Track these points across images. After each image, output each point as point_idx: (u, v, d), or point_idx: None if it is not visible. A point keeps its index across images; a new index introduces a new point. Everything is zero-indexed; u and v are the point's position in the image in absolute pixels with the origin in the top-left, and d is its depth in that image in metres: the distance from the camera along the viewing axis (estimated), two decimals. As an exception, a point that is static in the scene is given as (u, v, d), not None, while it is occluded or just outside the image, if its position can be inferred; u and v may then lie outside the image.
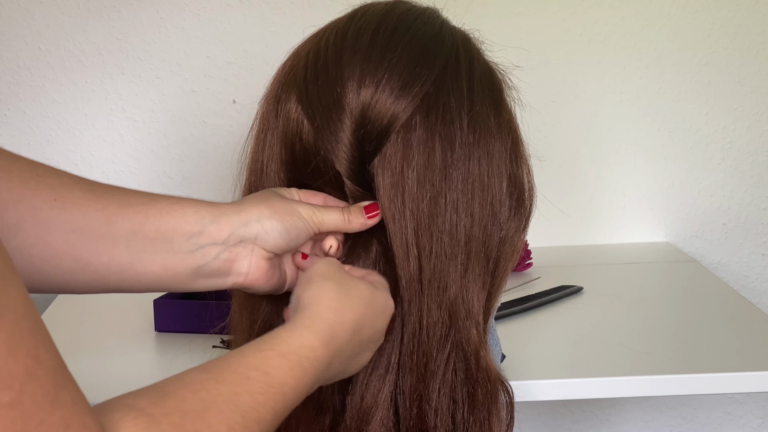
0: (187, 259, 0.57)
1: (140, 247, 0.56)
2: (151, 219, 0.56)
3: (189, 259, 0.57)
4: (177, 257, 0.57)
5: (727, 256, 1.59)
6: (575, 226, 1.57)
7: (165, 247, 0.57)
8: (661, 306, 1.23)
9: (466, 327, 0.62)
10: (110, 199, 0.56)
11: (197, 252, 0.57)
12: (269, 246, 0.59)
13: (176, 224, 0.57)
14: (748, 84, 1.53)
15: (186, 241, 0.57)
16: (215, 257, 0.58)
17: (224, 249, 0.58)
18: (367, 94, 0.60)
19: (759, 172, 1.56)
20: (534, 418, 1.63)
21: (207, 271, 0.58)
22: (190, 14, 1.48)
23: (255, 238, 0.59)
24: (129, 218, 0.56)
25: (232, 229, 0.58)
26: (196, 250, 0.57)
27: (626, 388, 0.96)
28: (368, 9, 0.66)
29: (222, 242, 0.58)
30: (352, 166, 0.61)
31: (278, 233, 0.59)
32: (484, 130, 0.62)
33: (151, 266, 0.56)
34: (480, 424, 0.63)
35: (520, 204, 0.65)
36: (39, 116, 1.51)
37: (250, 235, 0.58)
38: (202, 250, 0.57)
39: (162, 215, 0.57)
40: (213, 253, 0.58)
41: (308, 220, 0.61)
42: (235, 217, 0.58)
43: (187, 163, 1.53)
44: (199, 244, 0.57)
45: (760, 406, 1.63)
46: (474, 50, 0.66)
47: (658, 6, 1.50)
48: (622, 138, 1.55)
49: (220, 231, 0.58)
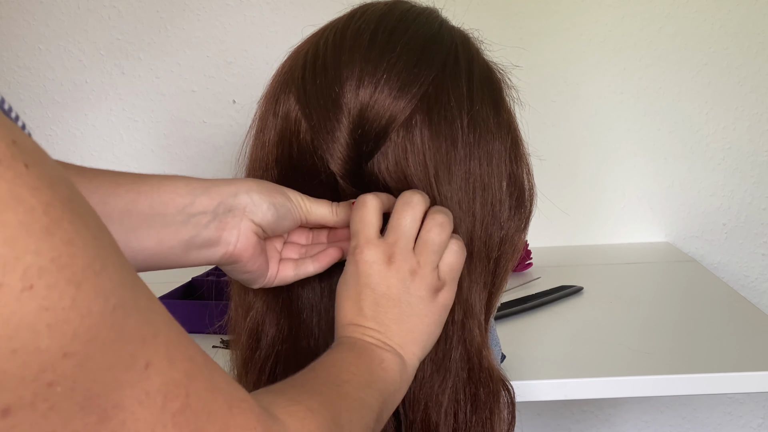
0: (181, 231, 0.58)
1: (135, 223, 0.57)
2: (143, 195, 0.58)
3: (182, 230, 0.58)
4: (170, 229, 0.58)
5: (727, 256, 1.59)
6: (575, 226, 1.57)
7: (159, 221, 0.58)
8: (661, 306, 1.23)
9: (468, 327, 0.62)
10: (102, 180, 0.58)
11: (189, 222, 0.59)
12: (258, 218, 0.60)
13: (168, 198, 0.58)
14: (748, 84, 1.53)
15: (178, 213, 0.58)
16: (205, 226, 0.59)
17: (214, 218, 0.59)
18: (366, 94, 0.60)
19: (759, 172, 1.56)
20: (534, 418, 1.63)
21: (199, 241, 0.59)
22: (190, 14, 1.48)
23: (244, 208, 0.60)
24: (122, 197, 0.57)
25: (221, 199, 0.60)
26: (188, 219, 0.59)
27: (626, 388, 0.96)
28: (367, 9, 0.66)
29: (212, 211, 0.59)
30: (347, 167, 0.61)
31: (266, 206, 0.60)
32: (484, 130, 0.62)
33: (146, 241, 0.58)
34: (482, 423, 0.63)
35: (520, 204, 0.65)
36: (39, 116, 1.51)
37: (239, 205, 0.60)
38: (193, 219, 0.59)
39: (154, 191, 0.58)
40: (203, 222, 0.59)
41: (296, 204, 0.62)
42: (225, 188, 0.60)
43: (187, 163, 1.54)
44: (191, 214, 0.59)
45: (760, 406, 1.63)
46: (473, 50, 0.66)
47: (658, 6, 1.50)
48: (622, 138, 1.55)
49: (210, 200, 0.59)
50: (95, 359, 0.31)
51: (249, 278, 0.63)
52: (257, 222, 0.60)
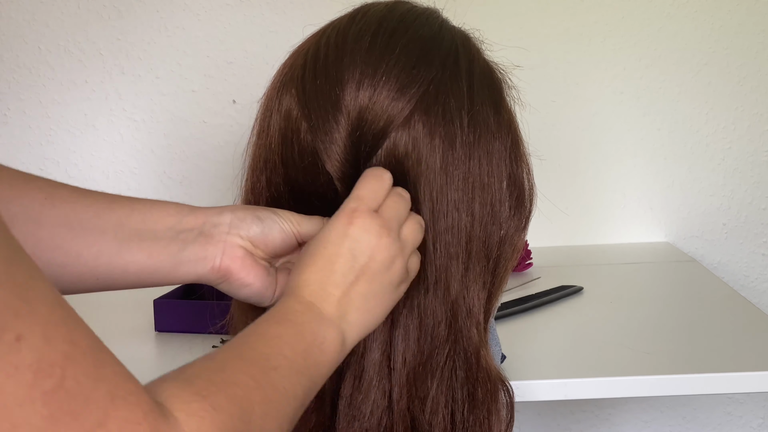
0: (170, 246, 0.60)
1: (127, 236, 0.59)
2: (136, 212, 0.60)
3: (171, 245, 0.60)
4: (161, 244, 0.60)
5: (727, 256, 1.59)
6: (575, 226, 1.57)
7: (149, 236, 0.60)
8: (661, 306, 1.23)
9: (466, 326, 0.62)
10: (97, 197, 0.60)
11: (177, 238, 0.60)
12: (243, 232, 0.61)
13: (159, 216, 0.61)
14: (748, 84, 1.53)
15: (167, 230, 0.60)
16: (192, 241, 0.61)
17: (200, 234, 0.61)
18: (365, 96, 0.60)
19: (759, 172, 1.56)
20: (534, 417, 1.63)
21: (186, 256, 0.60)
22: (190, 14, 1.48)
23: (229, 223, 0.61)
24: (116, 212, 0.60)
25: (206, 218, 0.61)
26: (176, 236, 0.60)
27: (626, 388, 0.96)
28: (368, 10, 0.66)
29: (198, 228, 0.61)
30: (344, 169, 0.61)
31: (251, 219, 0.61)
32: (484, 130, 0.63)
33: (137, 254, 0.59)
34: (480, 423, 0.63)
35: (520, 203, 0.66)
36: (39, 116, 1.51)
37: (224, 222, 0.61)
38: (181, 235, 0.60)
39: (146, 208, 0.61)
40: (190, 238, 0.61)
41: (285, 218, 0.62)
42: (211, 210, 0.62)
43: (187, 163, 1.54)
44: (179, 230, 0.61)
45: (760, 406, 1.63)
46: (474, 50, 0.66)
47: (658, 6, 1.50)
48: (622, 138, 1.55)
49: (196, 220, 0.61)
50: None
51: (252, 293, 0.62)
52: (243, 235, 0.61)
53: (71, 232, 0.58)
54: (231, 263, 0.61)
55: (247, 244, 0.61)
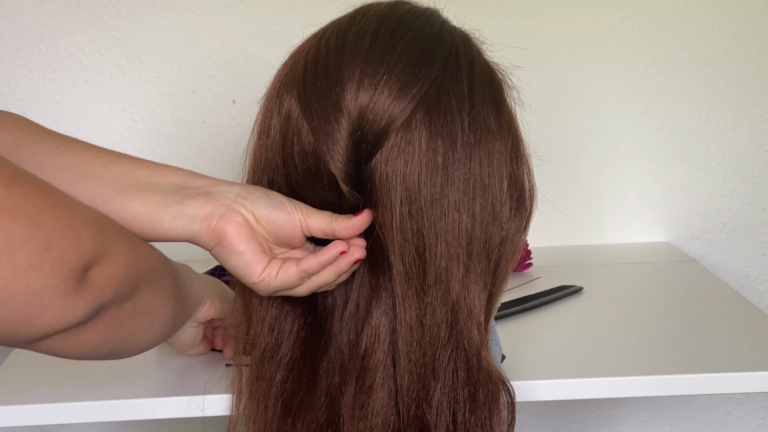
0: (168, 197, 0.61)
1: (127, 185, 0.60)
2: (144, 167, 0.62)
3: (169, 197, 0.61)
4: (159, 194, 0.61)
5: (727, 256, 1.59)
6: (575, 226, 1.57)
7: (151, 188, 0.61)
8: (661, 306, 1.23)
9: (467, 327, 0.62)
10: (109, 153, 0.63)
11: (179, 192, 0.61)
12: (249, 204, 0.61)
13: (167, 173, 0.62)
14: (748, 84, 1.53)
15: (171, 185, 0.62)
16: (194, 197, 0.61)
17: (204, 192, 0.62)
18: (366, 96, 0.60)
19: (759, 172, 1.56)
20: (534, 417, 1.63)
21: (185, 210, 0.60)
22: (190, 14, 1.48)
23: (236, 194, 0.62)
24: (123, 165, 0.62)
25: (216, 183, 0.63)
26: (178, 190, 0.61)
27: (626, 388, 0.96)
28: (369, 10, 0.66)
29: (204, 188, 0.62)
30: (347, 169, 0.61)
31: (259, 194, 0.62)
32: (485, 131, 0.63)
33: (131, 201, 0.60)
34: (481, 424, 0.63)
35: (521, 204, 0.66)
36: (39, 116, 1.51)
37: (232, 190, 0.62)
38: (183, 190, 0.61)
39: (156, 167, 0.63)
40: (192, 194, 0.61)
41: (293, 205, 0.62)
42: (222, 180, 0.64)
43: (187, 163, 1.53)
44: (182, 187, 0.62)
45: (760, 406, 1.63)
46: (474, 50, 0.66)
47: (658, 6, 1.50)
48: (622, 138, 1.55)
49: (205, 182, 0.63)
50: None
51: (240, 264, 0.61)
52: (248, 207, 0.61)
53: (72, 176, 0.60)
54: (227, 225, 0.60)
55: (249, 216, 0.61)
